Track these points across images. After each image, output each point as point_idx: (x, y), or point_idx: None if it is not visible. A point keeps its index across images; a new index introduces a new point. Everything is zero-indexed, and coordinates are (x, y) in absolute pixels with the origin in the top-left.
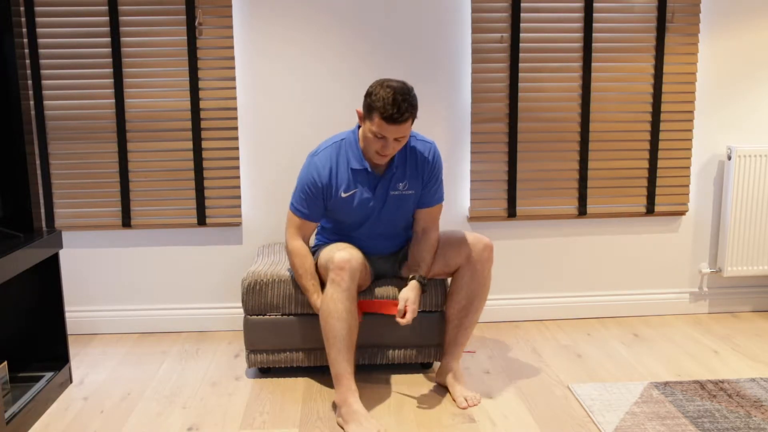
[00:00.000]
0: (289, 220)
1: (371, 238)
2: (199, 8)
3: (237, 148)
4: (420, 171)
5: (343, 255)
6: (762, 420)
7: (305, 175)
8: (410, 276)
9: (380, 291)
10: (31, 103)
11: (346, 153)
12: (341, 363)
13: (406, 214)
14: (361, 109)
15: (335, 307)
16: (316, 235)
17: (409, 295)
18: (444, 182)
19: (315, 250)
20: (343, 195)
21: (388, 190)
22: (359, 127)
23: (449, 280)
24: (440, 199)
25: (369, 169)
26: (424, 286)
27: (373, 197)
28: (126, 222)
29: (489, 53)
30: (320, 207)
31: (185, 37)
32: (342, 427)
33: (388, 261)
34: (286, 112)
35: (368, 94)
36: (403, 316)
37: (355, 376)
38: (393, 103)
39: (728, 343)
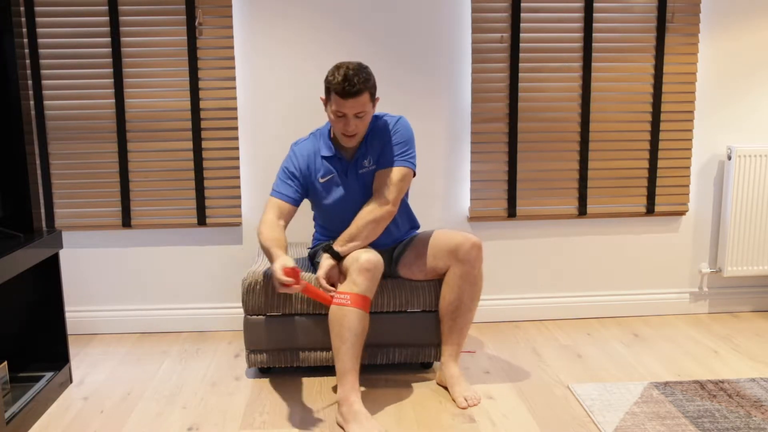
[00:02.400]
0: (267, 204)
1: None
2: (199, 8)
3: (237, 148)
4: (380, 142)
5: (370, 257)
6: (762, 420)
7: (286, 160)
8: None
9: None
10: (31, 103)
11: (319, 143)
12: (350, 359)
13: None
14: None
15: None
16: (315, 233)
17: (319, 274)
18: (444, 182)
19: (315, 251)
20: (321, 180)
21: (357, 170)
22: None
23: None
24: (400, 163)
25: (338, 155)
26: (334, 255)
27: (346, 180)
28: (126, 222)
29: (489, 53)
30: (297, 189)
31: (185, 37)
32: (342, 427)
33: (383, 258)
34: (286, 111)
35: (325, 79)
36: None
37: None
38: (344, 78)
39: (728, 343)
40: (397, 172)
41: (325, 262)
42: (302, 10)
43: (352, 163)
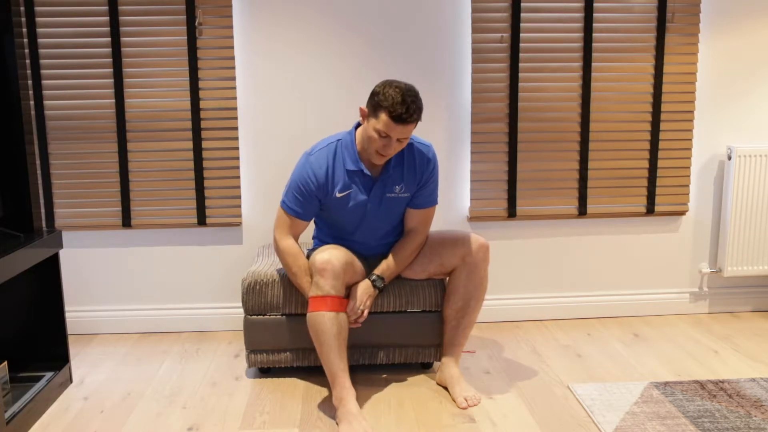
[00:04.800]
0: (279, 219)
1: (367, 240)
2: (199, 8)
3: (237, 148)
4: (418, 173)
5: (323, 256)
6: (762, 420)
7: (299, 173)
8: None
9: None
10: (31, 103)
11: (342, 154)
12: (334, 361)
13: (399, 215)
14: (364, 107)
15: None
16: (313, 238)
17: (353, 293)
18: (444, 182)
19: (310, 254)
20: (338, 195)
21: (383, 192)
22: (356, 128)
23: (447, 279)
24: (434, 202)
25: (365, 171)
26: (377, 286)
27: (368, 199)
28: (126, 222)
29: (489, 53)
30: (314, 206)
31: (185, 37)
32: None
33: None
34: (286, 112)
35: (375, 93)
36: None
37: (355, 376)
38: (402, 102)
39: (728, 343)
40: (431, 212)
41: (368, 292)
42: (302, 10)
43: (378, 182)
